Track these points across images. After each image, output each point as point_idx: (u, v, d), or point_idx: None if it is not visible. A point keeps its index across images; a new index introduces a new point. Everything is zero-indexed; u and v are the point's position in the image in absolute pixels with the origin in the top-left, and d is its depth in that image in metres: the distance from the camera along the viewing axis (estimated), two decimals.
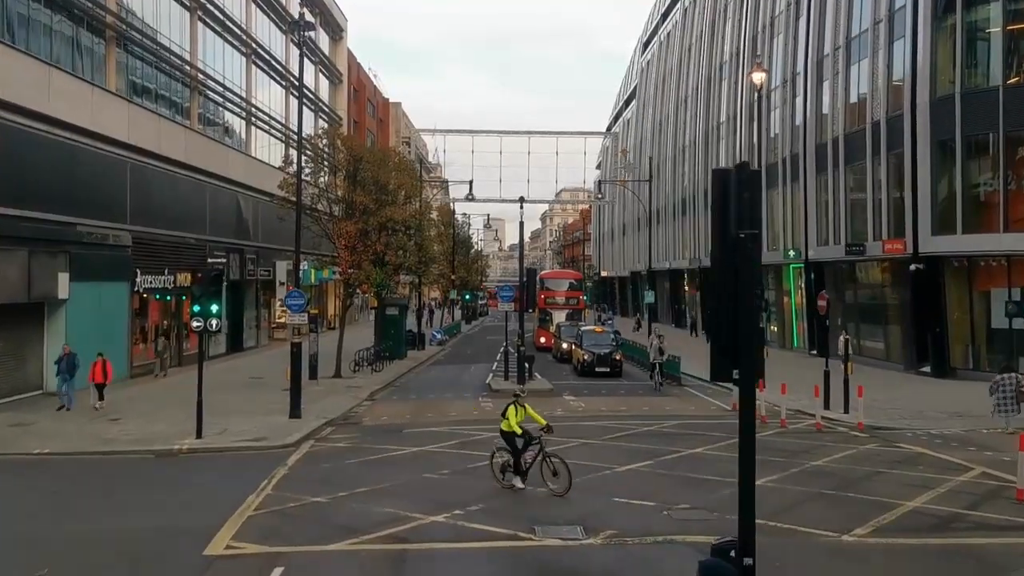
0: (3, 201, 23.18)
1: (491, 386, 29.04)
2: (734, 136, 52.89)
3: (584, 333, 34.67)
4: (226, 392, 27.13)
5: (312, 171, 31.31)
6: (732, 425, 21.86)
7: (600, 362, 31.84)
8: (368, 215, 30.99)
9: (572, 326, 40.01)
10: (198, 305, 19.00)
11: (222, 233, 38.67)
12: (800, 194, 41.68)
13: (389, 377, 32.53)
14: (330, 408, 24.28)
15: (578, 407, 24.41)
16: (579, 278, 54.67)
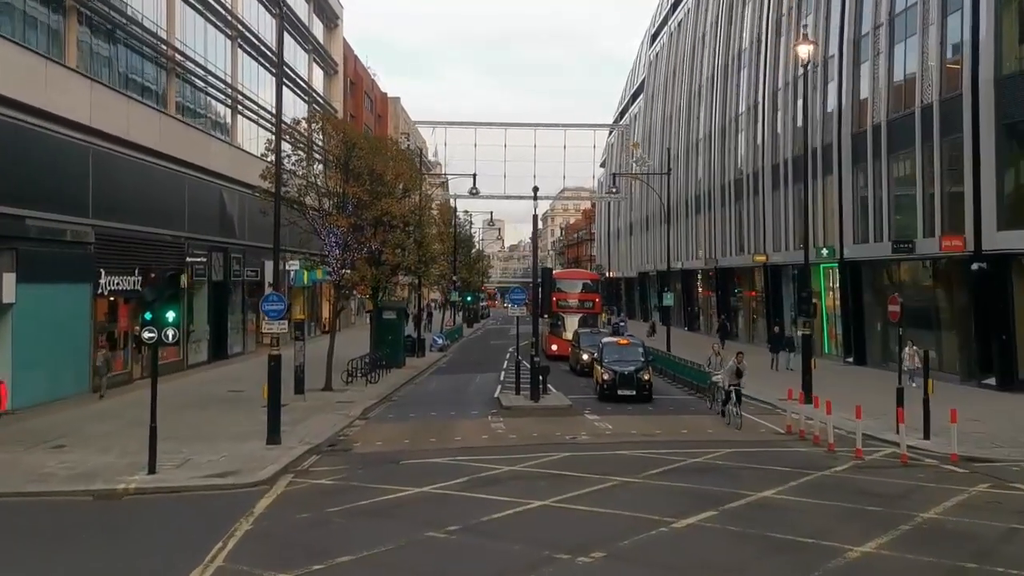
0: None
1: (501, 402, 25.60)
2: (755, 127, 49.48)
3: (605, 346, 27.99)
4: (198, 409, 23.73)
5: (299, 159, 27.88)
6: (795, 454, 17.67)
7: (624, 382, 25.88)
8: (362, 208, 27.61)
9: (593, 334, 34.96)
10: (150, 312, 15.60)
11: (203, 230, 35.26)
12: (834, 187, 38.28)
13: (385, 389, 29.11)
14: (316, 430, 20.86)
15: (604, 429, 20.99)
16: (595, 279, 49.17)
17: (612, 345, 28.30)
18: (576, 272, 62.89)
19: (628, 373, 26.02)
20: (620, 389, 25.67)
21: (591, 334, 34.88)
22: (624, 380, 25.89)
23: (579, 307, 41.90)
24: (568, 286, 42.94)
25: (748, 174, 50.08)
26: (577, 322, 40.12)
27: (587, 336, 34.57)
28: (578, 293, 42.68)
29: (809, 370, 24.30)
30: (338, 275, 28.19)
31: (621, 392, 25.57)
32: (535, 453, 17.59)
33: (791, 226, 43.48)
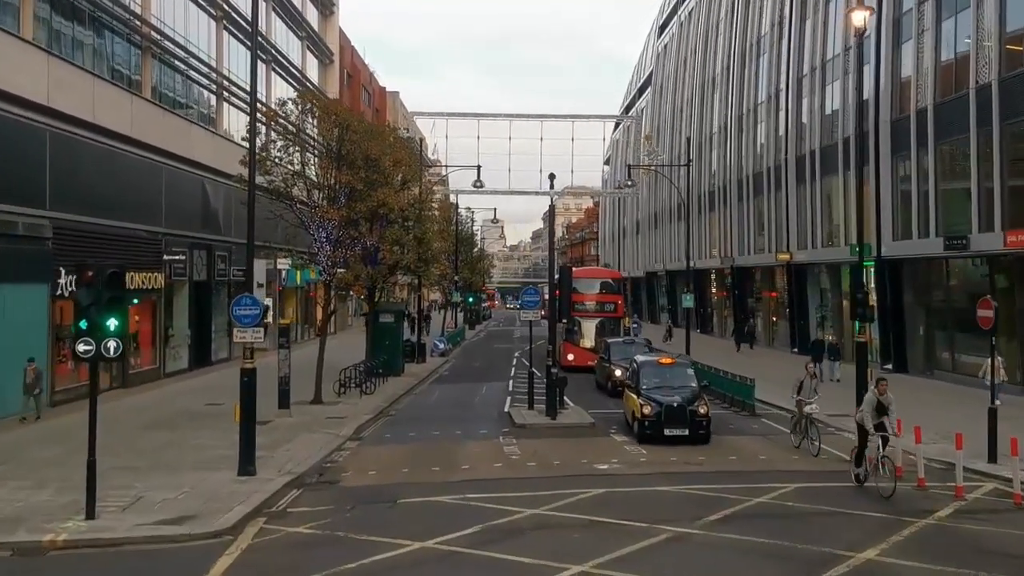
0: None
1: (513, 418, 22.51)
2: (776, 118, 46.44)
3: (643, 368, 21.03)
4: (166, 428, 20.69)
5: (285, 144, 24.82)
6: (876, 491, 13.58)
7: (673, 419, 18.89)
8: (356, 200, 24.59)
9: (627, 344, 29.36)
10: (86, 319, 12.56)
11: (184, 225, 32.24)
12: (870, 180, 35.19)
13: (382, 402, 26.07)
14: (300, 455, 17.84)
15: (638, 456, 17.90)
16: (617, 278, 42.29)
17: (652, 366, 21.27)
18: (594, 270, 54.12)
19: (678, 406, 19.10)
20: (668, 427, 18.87)
21: (624, 344, 29.26)
22: (673, 415, 18.93)
23: (598, 310, 36.73)
24: (585, 286, 36.80)
25: (769, 167, 47.04)
26: (594, 328, 35.82)
27: (620, 347, 28.70)
28: (597, 294, 37.15)
29: (865, 383, 21.25)
30: (329, 274, 25.14)
31: (669, 432, 18.79)
32: (560, 488, 14.56)
33: (818, 222, 40.46)
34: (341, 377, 27.12)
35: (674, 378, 20.64)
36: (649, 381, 20.35)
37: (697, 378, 21.46)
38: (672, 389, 19.88)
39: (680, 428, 18.89)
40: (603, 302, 37.03)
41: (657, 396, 19.50)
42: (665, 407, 19.08)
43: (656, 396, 19.51)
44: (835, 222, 39.12)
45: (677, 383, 20.33)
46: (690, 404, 19.24)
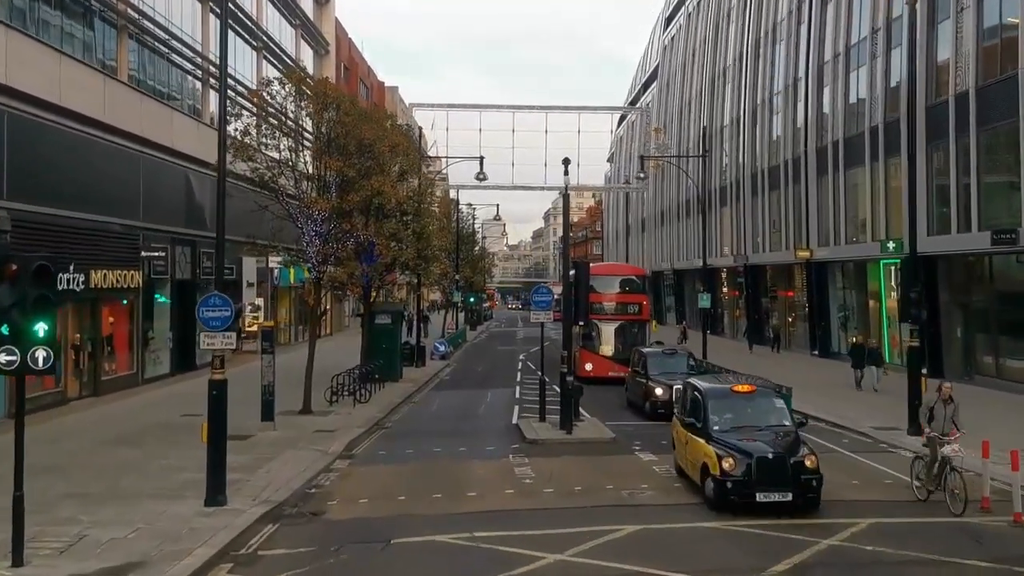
0: None
1: (523, 432, 20.14)
2: (794, 108, 44.10)
3: (710, 396, 14.79)
4: (131, 445, 18.35)
5: (269, 129, 22.44)
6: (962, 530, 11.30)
7: (768, 477, 12.94)
8: (347, 189, 22.25)
9: (667, 355, 24.68)
10: (7, 325, 10.22)
11: (165, 219, 29.87)
12: (901, 171, 32.89)
13: (377, 412, 23.72)
14: (280, 477, 15.50)
15: (671, 480, 15.49)
16: (640, 275, 36.11)
17: (725, 397, 14.82)
18: (615, 266, 48.15)
19: (775, 458, 13.06)
20: (762, 490, 12.78)
21: (664, 356, 24.63)
22: (769, 472, 12.90)
23: (620, 312, 31.90)
24: (604, 285, 32.07)
25: (786, 160, 44.73)
26: (615, 332, 31.56)
27: (659, 359, 24.15)
28: (618, 294, 32.40)
29: (918, 393, 18.97)
30: (319, 271, 22.79)
31: (765, 497, 12.75)
32: (585, 524, 12.23)
33: (842, 217, 38.14)
34: (333, 384, 24.79)
35: (759, 413, 14.45)
36: (721, 417, 14.16)
37: (791, 413, 15.20)
38: (758, 431, 13.89)
39: (781, 491, 12.70)
40: (625, 303, 32.24)
41: (739, 442, 13.38)
42: (757, 460, 12.91)
43: (738, 442, 13.39)
44: (861, 216, 36.77)
45: (764, 420, 14.27)
46: (792, 454, 13.15)
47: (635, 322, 32.16)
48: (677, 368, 23.09)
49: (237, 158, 21.47)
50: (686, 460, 14.82)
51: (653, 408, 22.21)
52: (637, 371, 24.51)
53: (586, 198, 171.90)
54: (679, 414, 15.93)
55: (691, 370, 23.04)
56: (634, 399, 24.49)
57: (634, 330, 31.92)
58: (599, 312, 30.86)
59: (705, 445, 13.74)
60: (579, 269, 19.97)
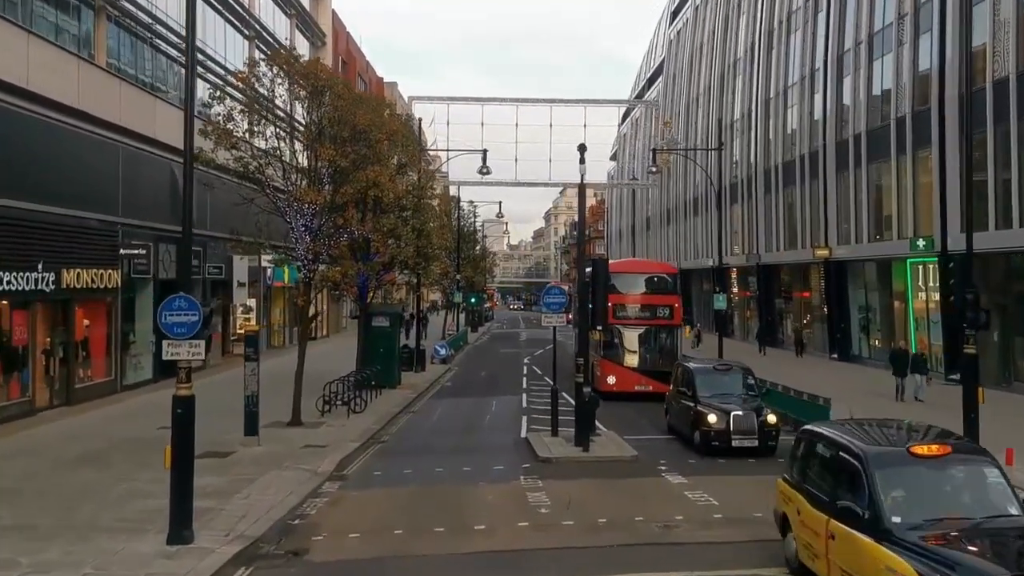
0: None
1: (534, 448, 18.13)
2: (810, 100, 42.12)
3: (873, 461, 8.99)
4: (96, 465, 16.39)
5: (255, 115, 20.46)
6: None
7: None
8: (340, 179, 20.29)
9: (721, 370, 20.04)
10: None
11: (146, 215, 27.89)
12: (932, 164, 30.99)
13: (373, 423, 21.75)
14: (261, 505, 13.53)
15: (708, 507, 13.54)
16: (672, 273, 30.76)
17: (900, 462, 9.05)
18: (640, 263, 41.63)
19: None
20: None
21: (717, 372, 19.81)
22: None
23: (647, 316, 27.41)
24: (628, 283, 27.88)
25: (802, 155, 42.76)
26: (641, 339, 27.48)
27: (711, 377, 19.42)
28: (645, 295, 27.96)
29: (976, 405, 17.03)
30: (308, 270, 20.82)
31: None
32: (617, 570, 10.28)
33: (864, 214, 36.17)
34: (326, 392, 22.83)
35: (963, 493, 9.03)
36: (904, 502, 8.65)
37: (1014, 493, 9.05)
38: (982, 533, 8.40)
39: None
40: (654, 305, 27.67)
41: (949, 552, 7.91)
42: None
43: (945, 552, 7.91)
44: (886, 213, 34.81)
45: (979, 508, 8.73)
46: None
47: (665, 327, 27.61)
48: (732, 388, 18.96)
49: (219, 146, 19.53)
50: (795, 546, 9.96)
51: (705, 440, 17.57)
52: (683, 392, 19.53)
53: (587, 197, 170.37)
54: (793, 477, 10.51)
55: (750, 391, 19.03)
56: (679, 426, 19.62)
57: (664, 336, 27.60)
58: (622, 316, 26.94)
59: (878, 549, 8.20)
60: (597, 266, 17.86)
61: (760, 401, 18.50)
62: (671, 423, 20.41)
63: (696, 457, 17.36)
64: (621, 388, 26.16)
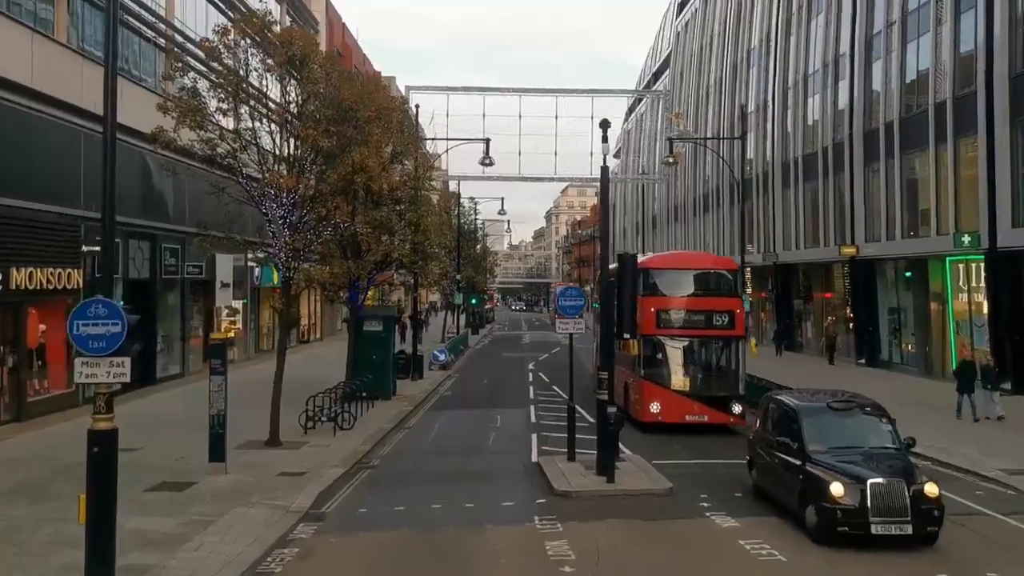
0: None
1: (547, 476, 15.38)
2: (835, 87, 39.48)
3: None
4: (29, 497, 13.80)
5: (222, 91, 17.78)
6: None
7: None
8: (324, 163, 17.65)
9: (844, 411, 13.34)
10: None
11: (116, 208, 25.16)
12: (974, 154, 28.36)
13: (362, 443, 19.06)
14: (210, 563, 10.86)
15: (770, 562, 10.90)
16: (730, 268, 24.12)
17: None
18: (690, 257, 33.24)
19: None
20: None
21: (836, 413, 13.32)
22: None
23: (700, 324, 21.38)
24: (674, 283, 22.04)
25: (825, 147, 40.11)
26: (693, 355, 21.68)
27: (827, 420, 13.16)
28: (696, 297, 21.99)
29: None
30: (287, 268, 18.15)
31: None
32: None
33: (896, 208, 33.49)
34: (310, 406, 20.17)
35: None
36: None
37: None
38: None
39: None
40: (709, 310, 21.49)
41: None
42: None
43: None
44: (922, 207, 32.15)
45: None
46: None
47: (724, 339, 21.50)
48: (861, 439, 12.78)
49: (182, 124, 16.90)
50: None
51: (827, 522, 11.54)
52: (781, 443, 13.34)
53: (589, 196, 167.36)
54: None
55: (889, 444, 12.75)
56: (776, 492, 13.47)
57: (723, 351, 21.71)
58: (668, 324, 21.33)
59: None
60: (624, 264, 15.08)
61: (907, 459, 12.47)
62: (760, 483, 14.25)
63: (742, 491, 14.62)
64: (668, 418, 20.71)
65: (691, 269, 23.14)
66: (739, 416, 20.57)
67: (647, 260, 23.77)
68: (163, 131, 17.00)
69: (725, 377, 21.60)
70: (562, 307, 16.63)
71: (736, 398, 20.88)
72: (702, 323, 21.43)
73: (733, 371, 21.47)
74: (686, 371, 21.53)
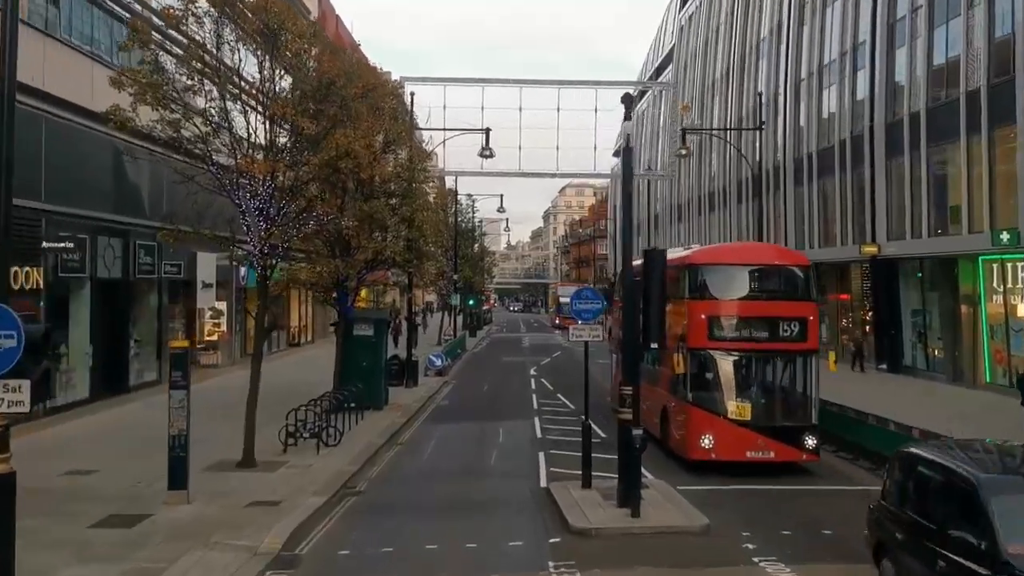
0: None
1: (561, 508, 13.23)
2: (853, 77, 37.42)
3: None
4: None
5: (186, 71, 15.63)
6: None
7: None
8: (306, 147, 15.55)
9: None
10: None
11: (82, 202, 23.05)
12: (1012, 145, 26.31)
13: (348, 463, 16.93)
14: None
15: None
16: (800, 263, 18.67)
17: None
18: (749, 249, 24.78)
19: None
20: None
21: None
22: None
23: (764, 336, 17.04)
24: (728, 283, 17.68)
25: (843, 140, 38.05)
26: (754, 375, 17.47)
27: None
28: (758, 300, 17.58)
29: None
30: (261, 265, 16.03)
31: None
32: None
33: (923, 204, 31.41)
34: (291, 420, 18.05)
35: None
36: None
37: None
38: None
39: None
40: (776, 318, 17.11)
41: None
42: None
43: None
44: (952, 203, 30.08)
45: None
46: None
47: (794, 354, 16.98)
48: None
49: (140, 101, 14.80)
50: None
51: None
52: (956, 538, 8.10)
53: (587, 196, 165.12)
54: None
55: None
56: None
57: (794, 369, 17.22)
58: (722, 336, 16.87)
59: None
60: (652, 260, 12.79)
61: None
62: None
63: (792, 526, 12.48)
64: (725, 455, 16.32)
65: (751, 265, 18.16)
66: (813, 452, 16.59)
67: (694, 254, 19.16)
68: (119, 109, 14.87)
69: (795, 402, 17.21)
70: (577, 311, 14.35)
71: (809, 429, 16.65)
72: (767, 334, 16.93)
73: (805, 394, 17.05)
74: (747, 395, 16.94)
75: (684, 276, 17.38)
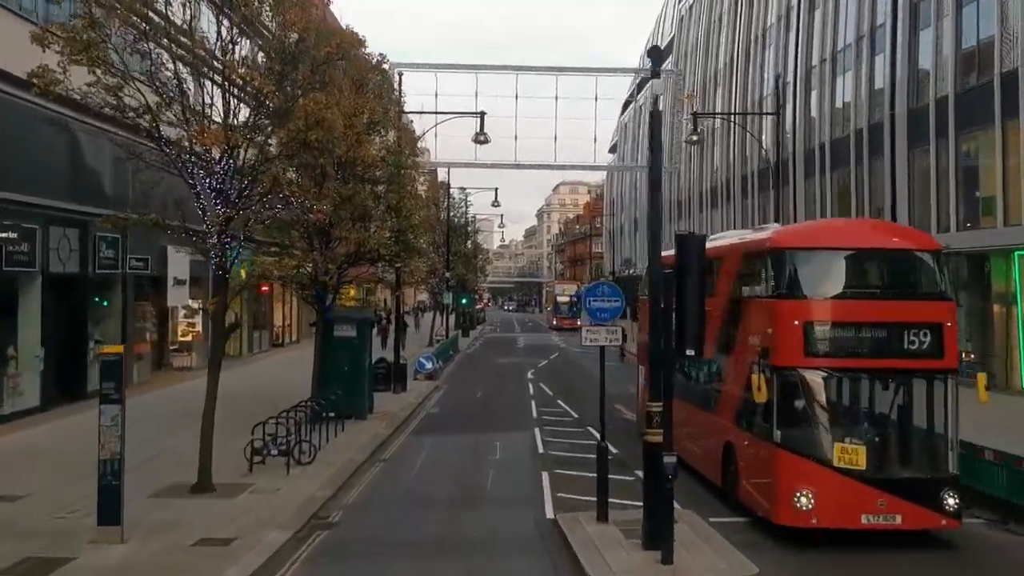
0: None
1: (575, 551, 10.77)
2: (870, 63, 35.17)
3: None
4: None
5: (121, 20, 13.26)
6: None
7: None
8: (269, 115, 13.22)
9: None
10: None
11: (31, 188, 20.64)
12: None
13: (321, 487, 14.55)
14: None
15: None
16: (933, 247, 13.02)
17: None
18: (859, 228, 17.05)
19: None
20: None
21: None
22: None
23: (880, 349, 12.01)
24: (828, 274, 12.49)
25: (860, 129, 35.81)
26: (864, 404, 12.82)
27: None
28: (871, 298, 12.41)
29: None
30: (219, 256, 13.66)
31: None
32: None
33: (950, 195, 29.14)
34: (259, 436, 15.67)
35: None
36: None
37: None
38: None
39: None
40: (898, 323, 12.00)
41: None
42: None
43: None
44: (985, 194, 27.87)
45: None
46: None
47: (927, 373, 12.06)
48: None
49: (70, 60, 12.46)
50: None
51: None
52: None
53: (582, 194, 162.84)
54: None
55: None
56: None
57: (924, 397, 12.30)
58: (826, 350, 12.07)
59: None
60: (686, 245, 10.11)
61: None
62: None
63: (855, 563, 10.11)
64: (832, 519, 11.50)
65: (860, 249, 12.92)
66: (953, 516, 11.66)
67: (779, 235, 13.85)
68: (47, 70, 12.51)
69: (928, 444, 12.38)
70: (591, 309, 11.80)
71: (947, 482, 11.77)
72: (886, 346, 12.01)
73: (939, 434, 12.12)
74: (861, 433, 12.10)
75: (765, 266, 12.92)
